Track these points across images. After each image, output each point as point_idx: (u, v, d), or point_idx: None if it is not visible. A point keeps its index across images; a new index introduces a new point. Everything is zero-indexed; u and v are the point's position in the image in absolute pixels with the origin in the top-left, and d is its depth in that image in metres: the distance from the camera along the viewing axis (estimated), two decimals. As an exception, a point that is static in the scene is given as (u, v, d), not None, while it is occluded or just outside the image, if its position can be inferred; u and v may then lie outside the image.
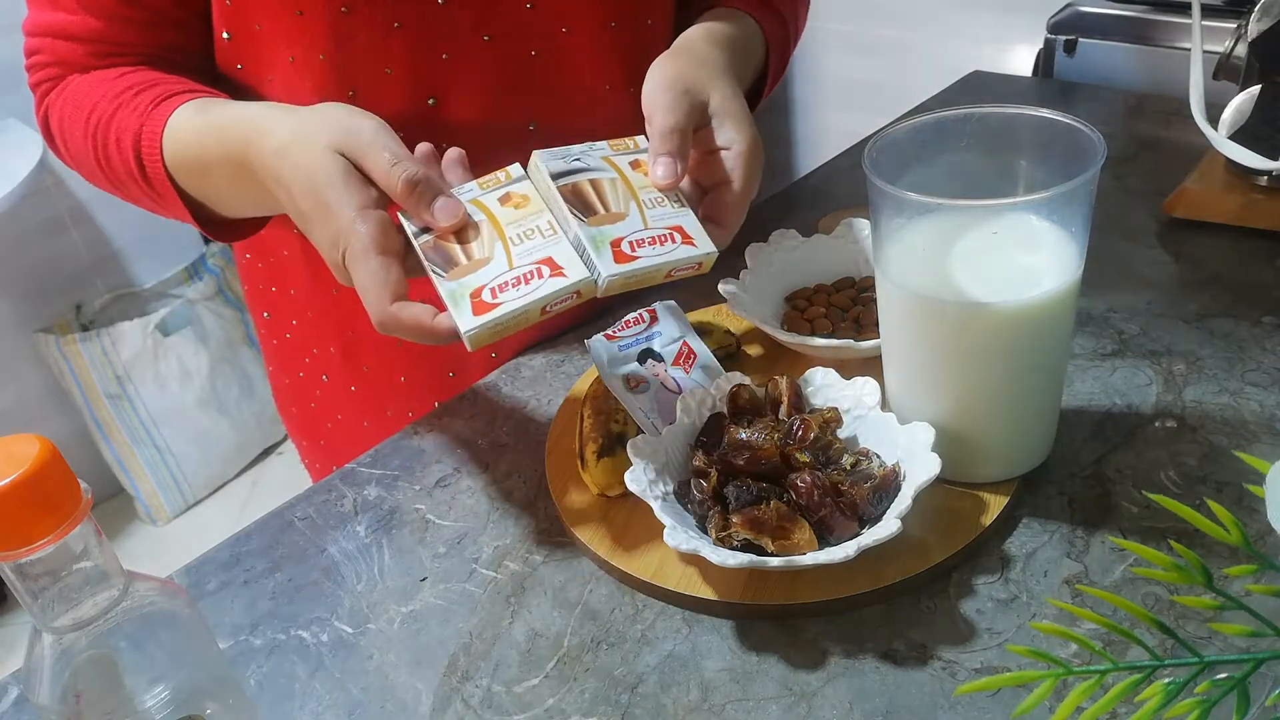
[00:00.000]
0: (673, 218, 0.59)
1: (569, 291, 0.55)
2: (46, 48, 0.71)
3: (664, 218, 0.59)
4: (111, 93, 0.69)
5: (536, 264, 0.55)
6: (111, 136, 0.68)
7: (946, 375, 0.57)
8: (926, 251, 0.55)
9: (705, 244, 0.58)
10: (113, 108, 0.68)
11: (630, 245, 0.56)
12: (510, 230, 0.57)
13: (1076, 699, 0.38)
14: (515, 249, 0.56)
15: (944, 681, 0.50)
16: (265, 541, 0.65)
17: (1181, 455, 0.61)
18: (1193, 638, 0.49)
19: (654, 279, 0.57)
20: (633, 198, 0.59)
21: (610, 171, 0.60)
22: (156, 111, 0.67)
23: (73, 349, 1.98)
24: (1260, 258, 0.78)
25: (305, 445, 0.94)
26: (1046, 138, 0.55)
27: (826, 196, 0.97)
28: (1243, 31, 0.84)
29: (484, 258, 0.56)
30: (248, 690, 0.55)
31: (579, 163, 0.59)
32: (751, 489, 0.56)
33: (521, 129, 0.75)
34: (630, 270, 0.55)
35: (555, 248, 0.56)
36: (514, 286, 0.54)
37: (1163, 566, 0.38)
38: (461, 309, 0.54)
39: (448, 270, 0.55)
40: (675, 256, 0.57)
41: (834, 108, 2.03)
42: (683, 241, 0.58)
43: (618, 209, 0.58)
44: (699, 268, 0.59)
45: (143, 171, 0.68)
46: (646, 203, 0.59)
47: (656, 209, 0.59)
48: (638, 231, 0.57)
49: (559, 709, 0.51)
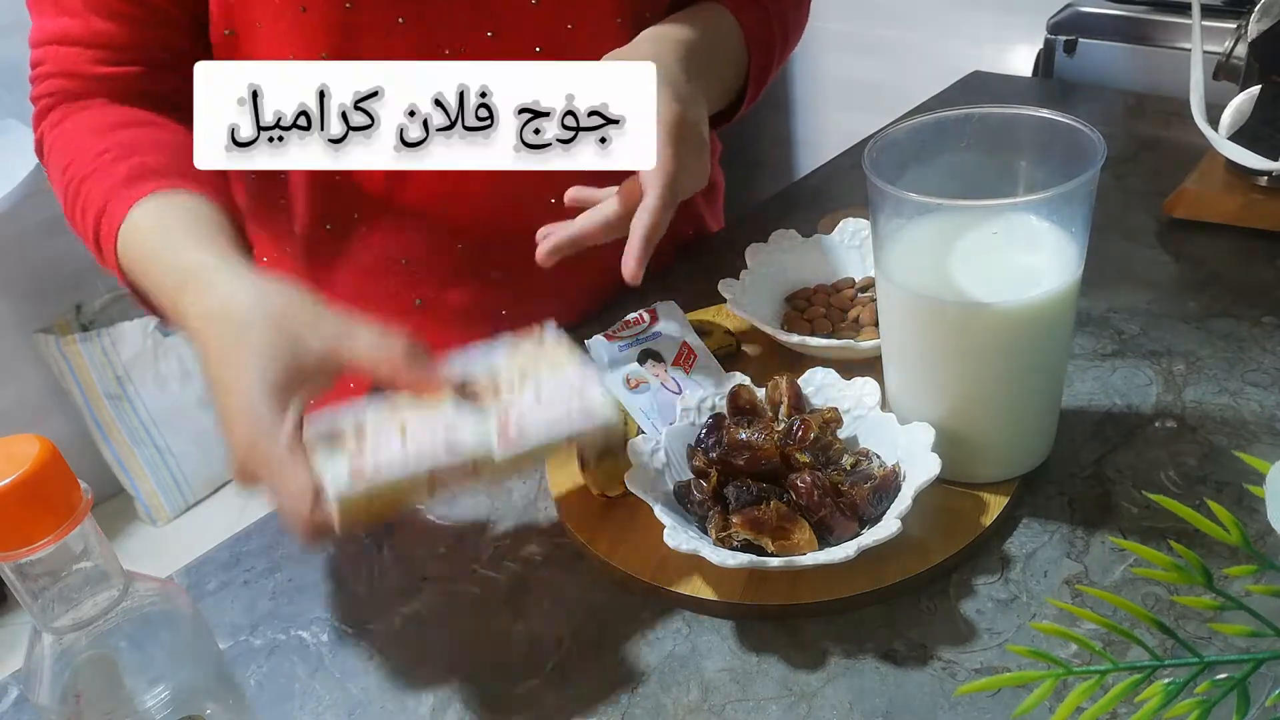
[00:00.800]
0: (570, 389, 0.54)
1: (461, 461, 0.50)
2: (51, 56, 0.71)
3: (561, 391, 0.54)
4: (92, 150, 0.67)
5: (429, 440, 0.50)
6: (79, 203, 0.66)
7: (946, 375, 0.57)
8: (926, 252, 0.55)
9: (603, 412, 0.53)
10: (89, 169, 0.66)
11: (518, 425, 0.51)
12: (407, 415, 0.52)
13: (1076, 699, 0.38)
14: (410, 429, 0.51)
15: (944, 682, 0.50)
16: (265, 541, 0.65)
17: (1181, 455, 0.61)
18: (1193, 638, 0.49)
19: (552, 451, 0.53)
20: (529, 375, 0.54)
21: (507, 359, 0.56)
22: (124, 194, 0.63)
23: (73, 349, 1.97)
24: (1260, 258, 0.78)
25: None
26: (1046, 138, 0.55)
27: (826, 197, 0.97)
28: (1242, 32, 0.84)
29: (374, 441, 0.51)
30: (248, 690, 0.55)
31: (478, 361, 0.56)
32: (751, 489, 0.56)
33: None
34: (518, 452, 0.51)
35: (452, 428, 0.51)
36: (400, 460, 0.49)
37: (1163, 566, 0.38)
38: (337, 474, 0.48)
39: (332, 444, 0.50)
40: (568, 429, 0.52)
41: (834, 108, 2.03)
42: (579, 412, 0.53)
43: (510, 390, 0.53)
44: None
45: (99, 251, 0.65)
46: (545, 378, 0.54)
47: (553, 381, 0.54)
48: (531, 410, 0.52)
49: (559, 709, 0.51)
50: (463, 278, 0.79)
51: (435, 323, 0.80)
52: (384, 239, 0.77)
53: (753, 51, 0.78)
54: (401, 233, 0.77)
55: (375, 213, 0.76)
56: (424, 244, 0.77)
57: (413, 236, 0.77)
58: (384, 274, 0.78)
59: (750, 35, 0.77)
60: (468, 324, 0.80)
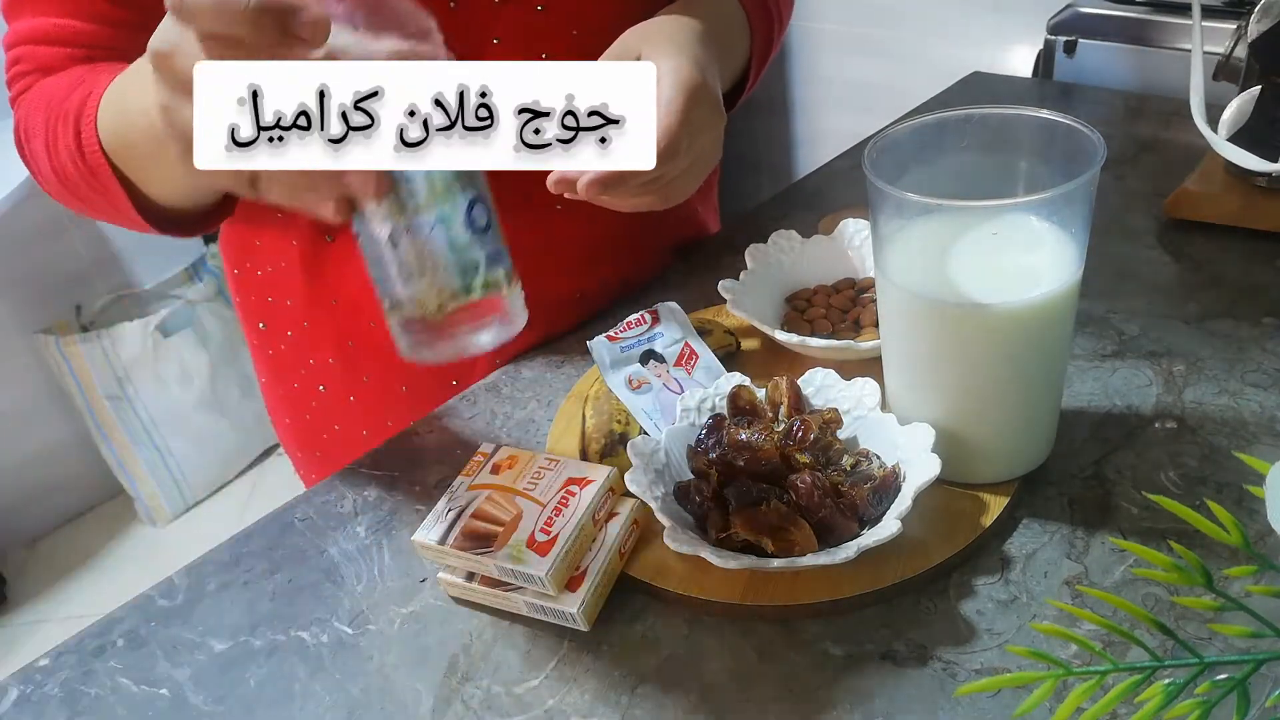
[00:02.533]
0: (560, 481, 0.59)
1: (605, 489, 0.58)
2: (27, 55, 0.69)
3: (554, 485, 0.59)
4: (74, 76, 0.65)
5: (563, 488, 0.58)
6: (61, 118, 0.63)
7: (946, 376, 0.57)
8: (926, 252, 0.55)
9: (600, 476, 0.59)
10: (70, 89, 0.64)
11: (544, 532, 0.56)
12: (520, 484, 0.59)
13: (1076, 700, 0.38)
14: (534, 491, 0.58)
15: (944, 682, 0.50)
16: (265, 542, 0.65)
17: (1181, 456, 0.61)
18: (1193, 638, 0.49)
19: (589, 532, 0.57)
20: (516, 496, 0.59)
21: (480, 493, 0.59)
22: (102, 80, 0.62)
23: (73, 350, 1.97)
24: (1260, 258, 0.78)
25: (300, 457, 0.93)
26: (1046, 138, 0.55)
27: (827, 197, 0.97)
28: (1242, 32, 0.84)
29: (515, 514, 0.57)
30: (247, 691, 0.55)
31: (452, 506, 0.59)
32: (752, 490, 0.56)
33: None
34: (562, 552, 0.55)
35: (566, 467, 0.60)
36: (558, 515, 0.56)
37: (1163, 567, 0.38)
38: (530, 562, 0.54)
39: (492, 547, 0.56)
40: (587, 506, 0.57)
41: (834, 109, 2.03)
42: (582, 489, 0.58)
43: (509, 517, 0.57)
44: (613, 491, 0.59)
45: (80, 151, 0.62)
46: (528, 487, 0.59)
47: (541, 484, 0.59)
48: (541, 516, 0.57)
49: (559, 710, 0.51)
50: None
51: None
52: None
53: (755, 33, 0.78)
54: None
55: None
56: None
57: None
58: None
59: (753, 18, 0.77)
60: None
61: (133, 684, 0.56)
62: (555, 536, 0.55)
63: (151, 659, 0.58)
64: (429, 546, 0.57)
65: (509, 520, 0.57)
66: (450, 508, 0.58)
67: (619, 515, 0.58)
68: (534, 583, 0.54)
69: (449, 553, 0.56)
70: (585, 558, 0.56)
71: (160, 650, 0.58)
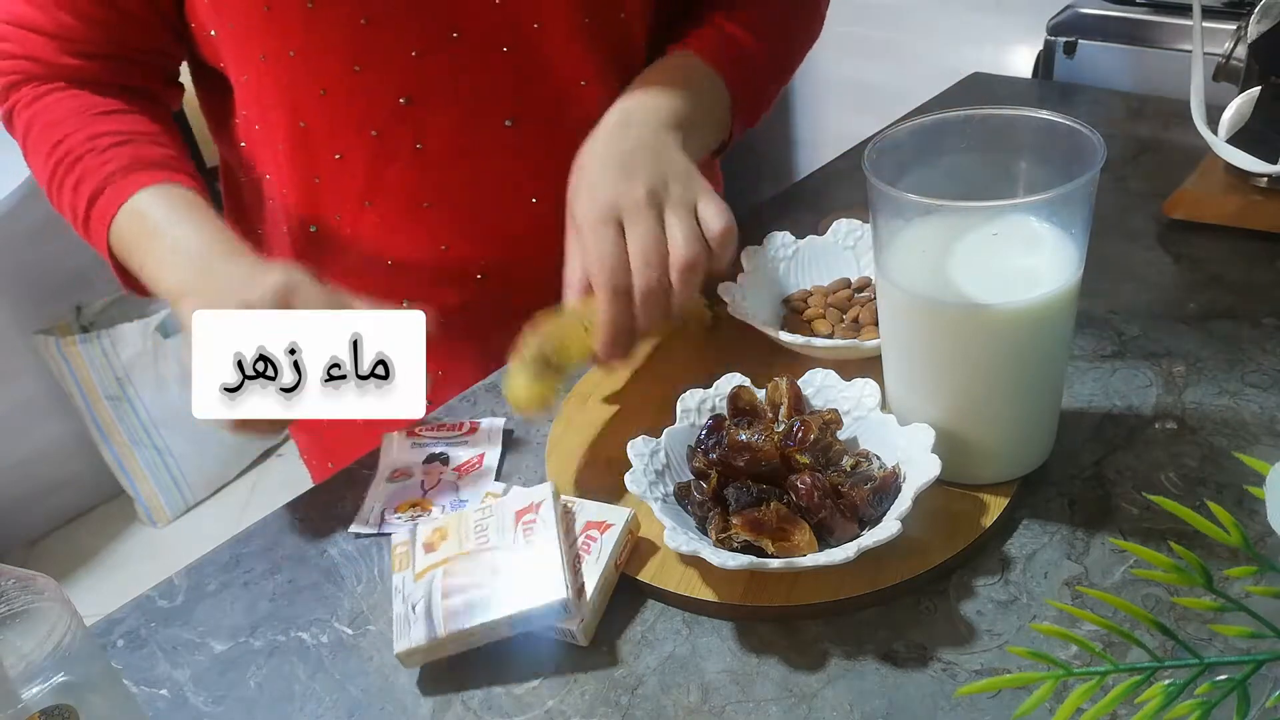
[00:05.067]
0: (509, 518, 0.57)
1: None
2: (15, 37, 0.71)
3: (505, 522, 0.57)
4: (87, 132, 0.69)
5: (517, 521, 0.57)
6: (70, 180, 0.69)
7: (946, 377, 0.57)
8: (926, 253, 0.55)
9: (620, 519, 0.58)
10: (82, 150, 0.69)
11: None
12: (469, 546, 0.57)
13: (1077, 700, 0.38)
14: (490, 539, 0.56)
15: (944, 683, 0.50)
16: (265, 543, 0.65)
17: (1181, 457, 0.61)
18: (1193, 639, 0.49)
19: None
20: (479, 553, 0.56)
21: (434, 574, 0.56)
22: (122, 182, 0.68)
23: (73, 350, 1.97)
24: (1260, 259, 0.78)
25: (304, 440, 0.94)
26: (1046, 139, 0.55)
27: (826, 198, 0.97)
28: (1242, 33, 0.84)
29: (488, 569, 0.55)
30: (247, 691, 0.55)
31: (412, 601, 0.55)
32: (751, 490, 0.56)
33: (498, 126, 0.74)
34: (593, 605, 0.54)
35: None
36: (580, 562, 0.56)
37: (1163, 568, 0.38)
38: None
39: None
40: (609, 552, 0.56)
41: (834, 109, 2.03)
42: (603, 534, 0.57)
43: (485, 574, 0.55)
44: (632, 534, 0.58)
45: (85, 227, 0.70)
46: (481, 542, 0.56)
47: (490, 528, 0.57)
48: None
49: (559, 711, 0.51)
50: (448, 279, 0.79)
51: None
52: (368, 241, 0.77)
53: (735, 106, 0.76)
54: (386, 234, 0.77)
55: (359, 215, 0.76)
56: (408, 246, 0.77)
57: (397, 238, 0.77)
58: (369, 275, 0.78)
59: (734, 85, 0.75)
60: (454, 325, 0.79)
61: (133, 684, 0.56)
62: (581, 586, 0.54)
63: (151, 659, 0.58)
64: (418, 650, 0.52)
65: (484, 578, 0.54)
66: (411, 604, 0.54)
67: (614, 526, 0.57)
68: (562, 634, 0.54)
69: (447, 643, 0.53)
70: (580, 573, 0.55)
71: (160, 651, 0.58)
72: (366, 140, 0.73)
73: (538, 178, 0.76)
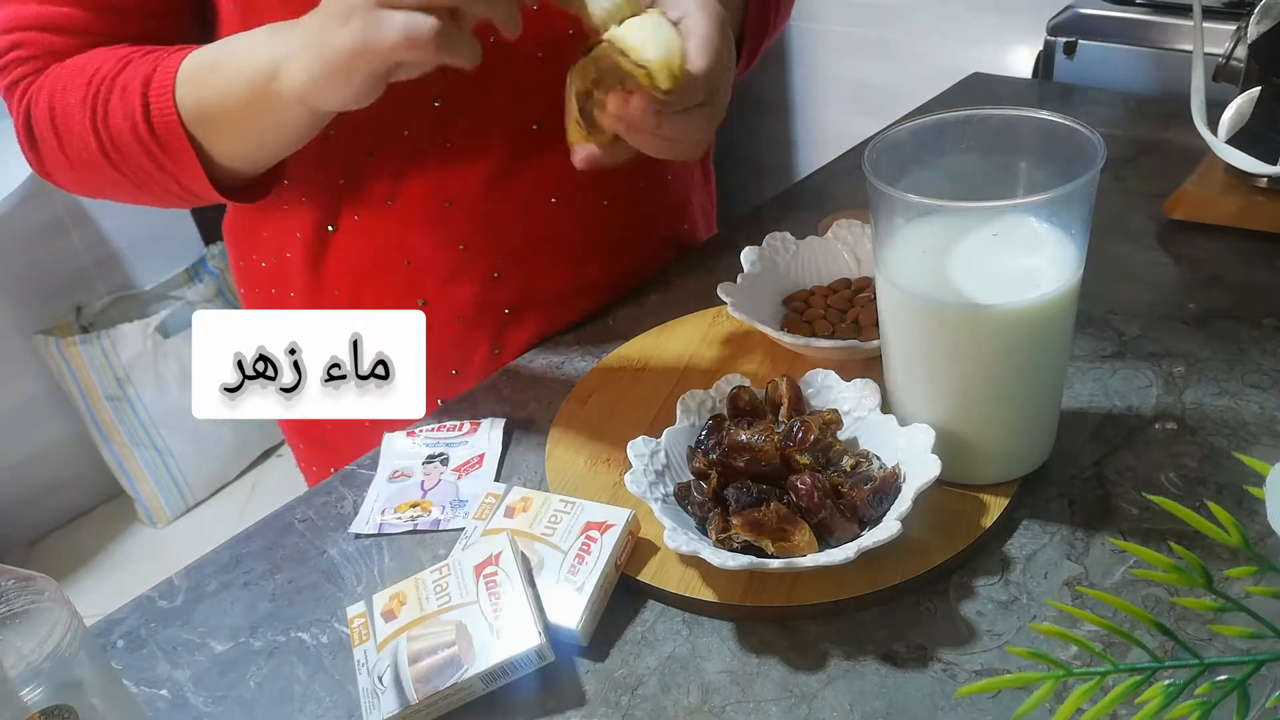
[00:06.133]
0: (578, 526, 0.58)
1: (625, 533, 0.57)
2: (32, 41, 0.69)
3: (572, 530, 0.58)
4: (116, 55, 0.68)
5: (583, 533, 0.58)
6: (116, 90, 0.66)
7: (947, 377, 0.57)
8: (926, 253, 0.55)
9: (621, 519, 0.58)
10: (119, 66, 0.67)
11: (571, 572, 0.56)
12: (538, 529, 0.59)
13: (1077, 701, 0.37)
14: (553, 536, 0.58)
15: (944, 683, 0.50)
16: (265, 543, 0.65)
17: (1181, 457, 0.61)
18: (1193, 639, 0.49)
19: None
20: (535, 542, 0.58)
21: (399, 641, 0.54)
22: (171, 58, 0.66)
23: (73, 351, 1.97)
24: (1260, 259, 0.78)
25: (302, 448, 0.94)
26: (1046, 140, 0.55)
27: (827, 198, 0.97)
28: (1242, 34, 0.84)
29: (451, 627, 0.54)
30: (247, 692, 0.55)
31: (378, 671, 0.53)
32: (752, 491, 0.56)
33: (525, 129, 0.75)
34: (592, 607, 0.55)
35: (583, 510, 0.59)
36: (580, 563, 0.56)
37: (1163, 568, 0.38)
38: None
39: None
40: (609, 554, 0.56)
41: (834, 110, 2.03)
42: (603, 534, 0.57)
43: (451, 635, 0.53)
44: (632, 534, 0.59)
45: (148, 121, 0.66)
46: (545, 532, 0.58)
47: (559, 529, 0.58)
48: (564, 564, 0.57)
49: (559, 710, 0.51)
50: (465, 278, 0.79)
51: (438, 323, 0.80)
52: (386, 240, 0.78)
53: (746, 36, 0.78)
54: (403, 234, 0.77)
55: (377, 214, 0.76)
56: (426, 245, 0.78)
57: (415, 237, 0.77)
58: (387, 274, 0.78)
59: (752, 15, 0.77)
60: (471, 324, 0.80)
61: (133, 685, 0.56)
62: (582, 588, 0.54)
63: (151, 660, 0.58)
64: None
65: (451, 637, 0.52)
66: (377, 675, 0.52)
67: (614, 526, 0.57)
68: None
69: (422, 709, 0.50)
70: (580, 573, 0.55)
71: (160, 651, 0.58)
72: (399, 139, 0.73)
73: (558, 178, 0.77)
